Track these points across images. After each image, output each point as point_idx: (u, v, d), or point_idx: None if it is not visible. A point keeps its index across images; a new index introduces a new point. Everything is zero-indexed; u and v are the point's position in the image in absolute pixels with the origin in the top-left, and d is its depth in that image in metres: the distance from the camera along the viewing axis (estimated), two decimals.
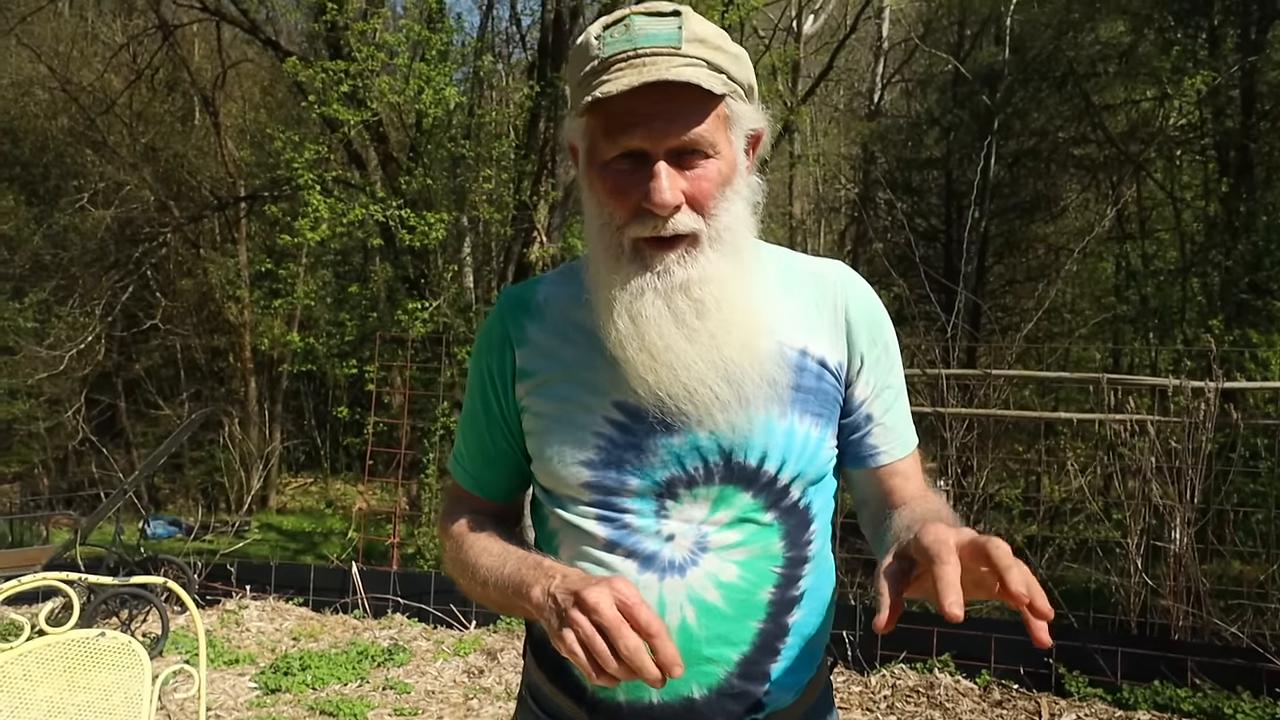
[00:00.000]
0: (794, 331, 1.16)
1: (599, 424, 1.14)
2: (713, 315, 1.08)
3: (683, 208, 1.07)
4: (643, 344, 1.08)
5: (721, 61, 1.07)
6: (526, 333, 1.21)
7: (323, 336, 14.56)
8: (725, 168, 1.08)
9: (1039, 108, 14.27)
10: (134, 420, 18.28)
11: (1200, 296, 11.27)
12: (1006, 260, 16.11)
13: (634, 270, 1.09)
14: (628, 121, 1.05)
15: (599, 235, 1.11)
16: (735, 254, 1.10)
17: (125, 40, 15.88)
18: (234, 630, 5.53)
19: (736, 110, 1.10)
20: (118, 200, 16.33)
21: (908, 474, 1.23)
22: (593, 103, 1.04)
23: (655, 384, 1.08)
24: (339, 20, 10.10)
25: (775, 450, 1.13)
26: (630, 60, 1.04)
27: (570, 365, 1.17)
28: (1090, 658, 4.53)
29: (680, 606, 1.12)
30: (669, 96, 1.03)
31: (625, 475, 1.13)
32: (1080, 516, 6.22)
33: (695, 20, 1.07)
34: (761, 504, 1.14)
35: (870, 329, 1.20)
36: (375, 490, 10.61)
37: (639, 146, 1.05)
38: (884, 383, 1.21)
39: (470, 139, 11.35)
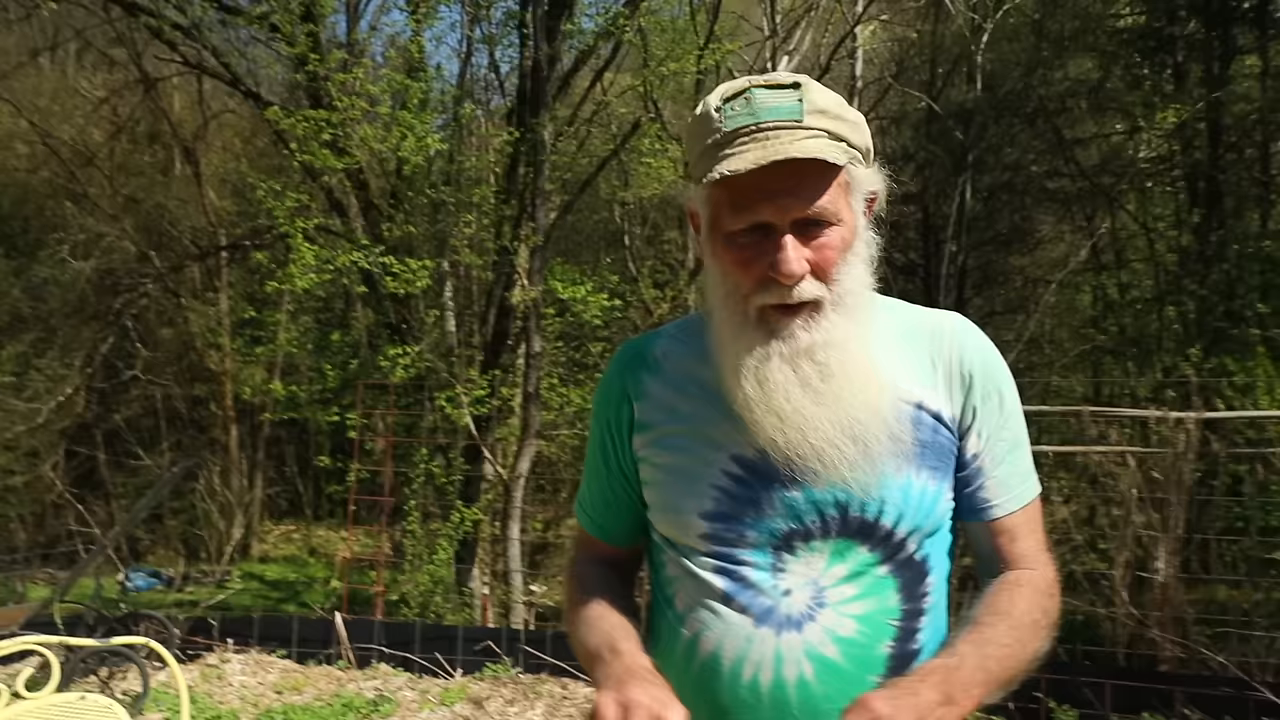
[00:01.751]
0: (909, 385, 1.18)
1: (717, 477, 1.17)
2: (837, 378, 1.11)
3: (807, 276, 1.10)
4: (769, 407, 1.11)
5: (841, 130, 1.11)
6: (644, 386, 1.25)
7: (304, 383, 14.51)
8: (847, 234, 1.13)
9: (1012, 143, 14.49)
10: (114, 471, 18.06)
11: (1177, 325, 11.39)
12: (985, 293, 16.24)
13: (760, 336, 1.12)
14: (754, 197, 1.08)
15: (724, 302, 1.15)
16: (856, 315, 1.14)
17: (106, 94, 15.95)
18: (216, 685, 5.44)
19: (856, 176, 1.14)
20: (98, 251, 16.29)
21: (1017, 532, 1.21)
22: (709, 174, 1.08)
23: (785, 444, 1.12)
24: (320, 71, 10.19)
25: (892, 504, 1.14)
26: (754, 135, 1.07)
27: (689, 419, 1.20)
28: (1079, 691, 4.52)
29: (798, 662, 1.13)
30: (794, 171, 1.06)
31: (743, 528, 1.16)
32: (1065, 547, 6.23)
33: (815, 90, 1.10)
34: (878, 558, 1.15)
35: (984, 381, 1.20)
36: (358, 537, 10.51)
37: (766, 220, 1.09)
38: (997, 435, 1.20)
39: (451, 184, 11.42)
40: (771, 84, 1.10)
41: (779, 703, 1.13)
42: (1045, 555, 1.23)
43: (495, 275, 10.96)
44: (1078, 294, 14.73)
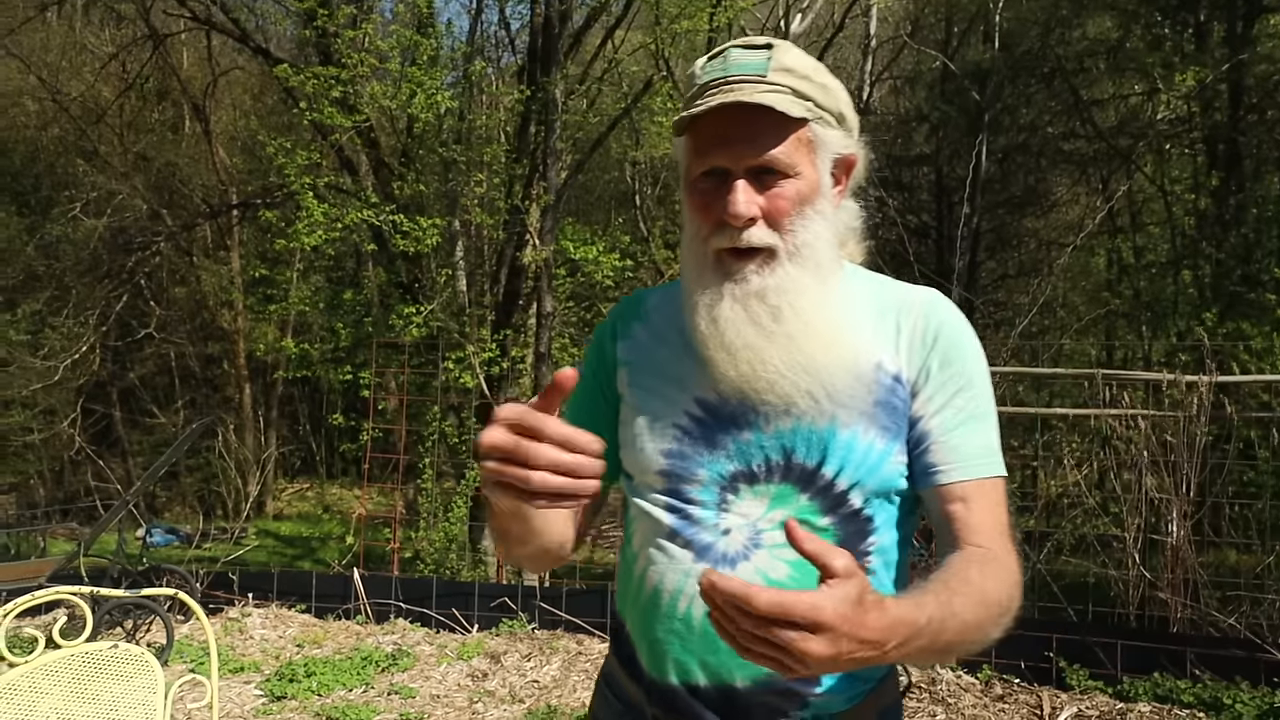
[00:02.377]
0: (873, 342, 1.20)
1: (679, 416, 1.21)
2: (789, 320, 1.14)
3: (759, 222, 1.14)
4: (721, 342, 1.15)
5: (807, 89, 1.14)
6: (632, 330, 1.32)
7: (317, 342, 14.56)
8: (805, 188, 1.15)
9: (1028, 103, 14.33)
10: (129, 429, 18.24)
11: (1192, 289, 11.32)
12: (998, 256, 16.17)
13: (716, 277, 1.17)
14: (712, 142, 1.14)
15: (689, 245, 1.21)
16: (815, 270, 1.16)
17: (115, 50, 15.84)
18: (238, 638, 5.54)
19: (821, 135, 1.16)
20: (110, 209, 16.30)
21: (971, 505, 1.16)
22: (685, 124, 1.15)
23: (737, 378, 1.15)
24: (329, 27, 10.11)
25: (835, 455, 1.16)
26: (721, 86, 1.13)
27: (660, 361, 1.26)
28: (1090, 651, 4.56)
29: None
30: (750, 119, 1.12)
31: (695, 466, 1.20)
32: (1077, 511, 6.26)
33: (786, 53, 1.15)
34: (818, 507, 1.17)
35: (945, 348, 1.20)
36: (372, 494, 10.61)
37: (721, 165, 1.14)
38: (950, 402, 1.19)
39: (461, 143, 11.36)
40: (747, 45, 1.16)
41: (708, 635, 1.16)
42: (1007, 543, 1.16)
43: (506, 235, 10.94)
44: (1093, 257, 14.65)
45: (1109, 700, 4.36)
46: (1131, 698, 4.34)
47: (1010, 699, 4.46)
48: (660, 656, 1.21)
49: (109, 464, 15.27)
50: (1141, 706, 4.25)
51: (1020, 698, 4.46)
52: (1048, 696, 4.43)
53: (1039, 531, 6.25)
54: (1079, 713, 4.26)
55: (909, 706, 4.38)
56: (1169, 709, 4.22)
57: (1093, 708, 4.29)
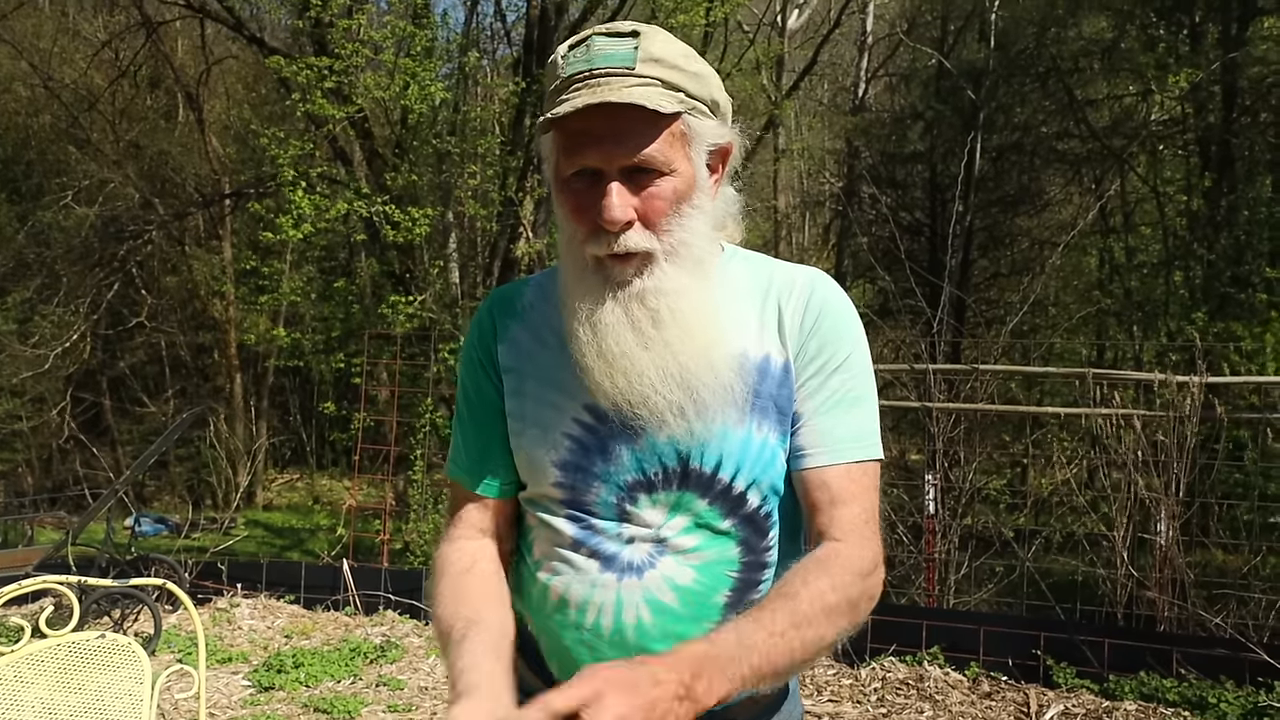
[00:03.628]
0: (759, 336, 1.18)
1: (569, 425, 1.18)
2: (668, 325, 1.11)
3: (635, 225, 1.10)
4: (600, 350, 1.11)
5: (678, 80, 1.09)
6: (510, 330, 1.26)
7: (308, 332, 14.51)
8: (681, 185, 1.11)
9: (1022, 102, 14.34)
10: (119, 418, 18.16)
11: (1183, 290, 11.37)
12: (991, 254, 16.19)
13: (596, 281, 1.13)
14: (582, 141, 1.08)
15: (566, 248, 1.16)
16: (695, 267, 1.13)
17: (108, 37, 15.76)
18: (226, 629, 5.53)
19: (695, 127, 1.12)
20: (101, 197, 16.20)
21: (837, 493, 1.15)
22: (551, 121, 1.08)
23: (612, 390, 1.12)
24: (323, 17, 10.06)
25: (731, 457, 1.14)
26: (586, 81, 1.08)
27: (544, 367, 1.21)
28: (1077, 649, 4.58)
29: (636, 606, 1.16)
30: (620, 117, 1.06)
31: (590, 478, 1.18)
32: (1066, 509, 6.28)
33: (653, 40, 1.09)
34: (718, 511, 1.16)
35: (825, 330, 1.18)
36: (363, 486, 10.60)
37: (593, 165, 1.09)
38: (824, 385, 1.17)
39: (455, 135, 11.33)
40: (611, 32, 1.10)
41: (618, 645, 1.17)
42: (868, 529, 1.15)
43: (500, 227, 10.92)
44: (1085, 257, 14.69)
45: (1095, 698, 4.38)
46: (1117, 696, 4.36)
47: (997, 696, 4.48)
48: (570, 666, 1.20)
49: (98, 453, 15.22)
50: (1127, 705, 4.27)
51: (1007, 695, 4.48)
52: (1035, 694, 4.45)
53: (1028, 529, 6.27)
54: (1065, 710, 4.28)
55: (896, 704, 4.40)
56: (1154, 707, 4.24)
57: (1079, 705, 4.31)
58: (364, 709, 4.35)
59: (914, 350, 6.70)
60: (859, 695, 4.48)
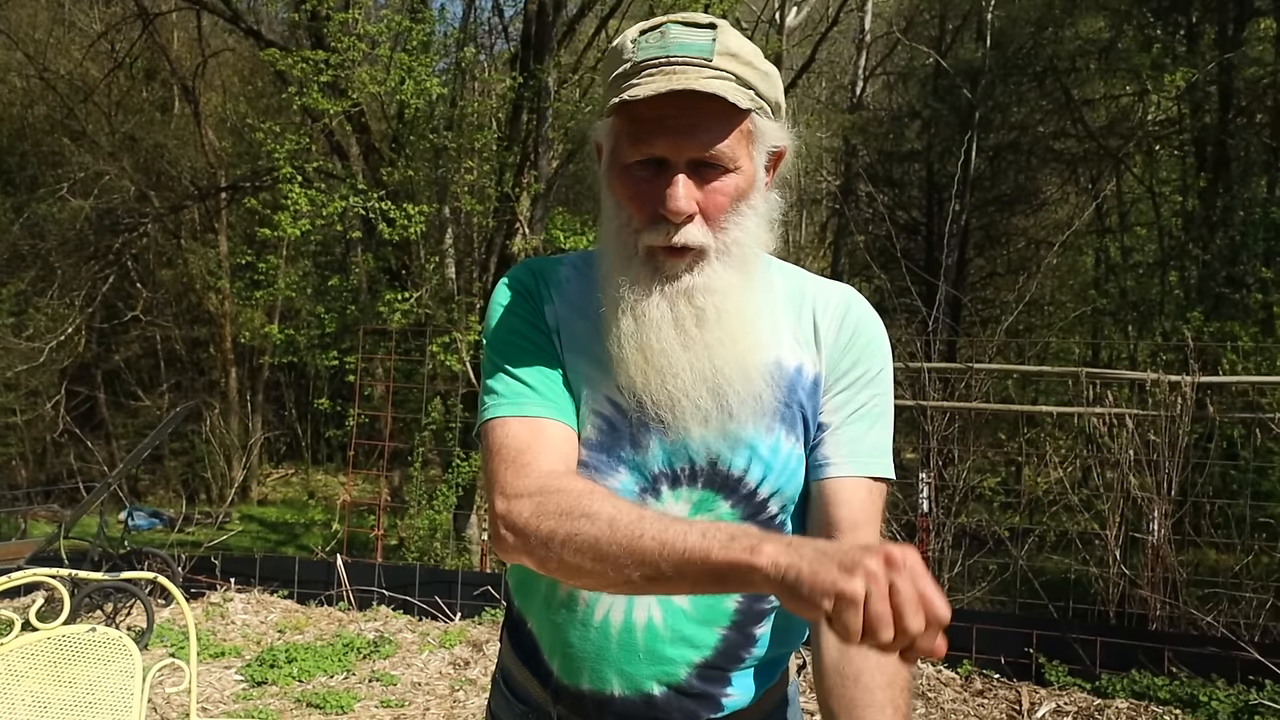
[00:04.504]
0: (793, 346, 1.18)
1: (600, 403, 1.15)
2: (711, 325, 1.10)
3: (695, 219, 1.08)
4: (640, 344, 1.10)
5: (751, 77, 1.08)
6: (551, 294, 1.22)
7: (304, 327, 14.49)
8: (743, 183, 1.10)
9: (1019, 102, 14.36)
10: (114, 411, 18.14)
11: (1178, 290, 11.39)
12: (987, 253, 16.23)
13: (645, 272, 1.11)
14: (653, 128, 1.06)
15: (615, 235, 1.13)
16: (742, 268, 1.12)
17: (104, 28, 15.69)
18: (219, 623, 5.52)
19: (761, 127, 1.11)
20: (97, 190, 16.16)
21: (856, 509, 1.14)
22: (620, 105, 1.05)
23: (643, 386, 1.10)
24: (320, 10, 10.04)
25: (758, 463, 1.14)
26: (661, 67, 1.05)
27: (583, 341, 1.18)
28: (1070, 647, 4.60)
29: (648, 605, 1.15)
30: (695, 107, 1.04)
31: (616, 462, 1.15)
32: (1060, 507, 6.29)
33: (730, 34, 1.08)
34: (739, 514, 1.15)
35: (859, 347, 1.19)
36: (358, 481, 10.60)
37: (661, 154, 1.07)
38: (850, 399, 1.18)
39: (452, 130, 11.31)
40: (688, 22, 1.08)
41: (626, 644, 1.16)
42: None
43: (496, 223, 10.90)
44: (1080, 256, 14.72)
45: (1087, 696, 4.39)
46: (1109, 694, 4.37)
47: (990, 694, 4.48)
48: (575, 664, 1.18)
49: (93, 446, 15.20)
50: (1119, 703, 4.28)
51: (1000, 693, 4.49)
52: (1027, 692, 4.46)
53: (1022, 527, 6.28)
54: (1057, 708, 4.29)
55: None
56: (1146, 705, 4.26)
57: (1071, 704, 4.32)
58: (357, 704, 4.35)
59: (909, 349, 6.70)
60: None
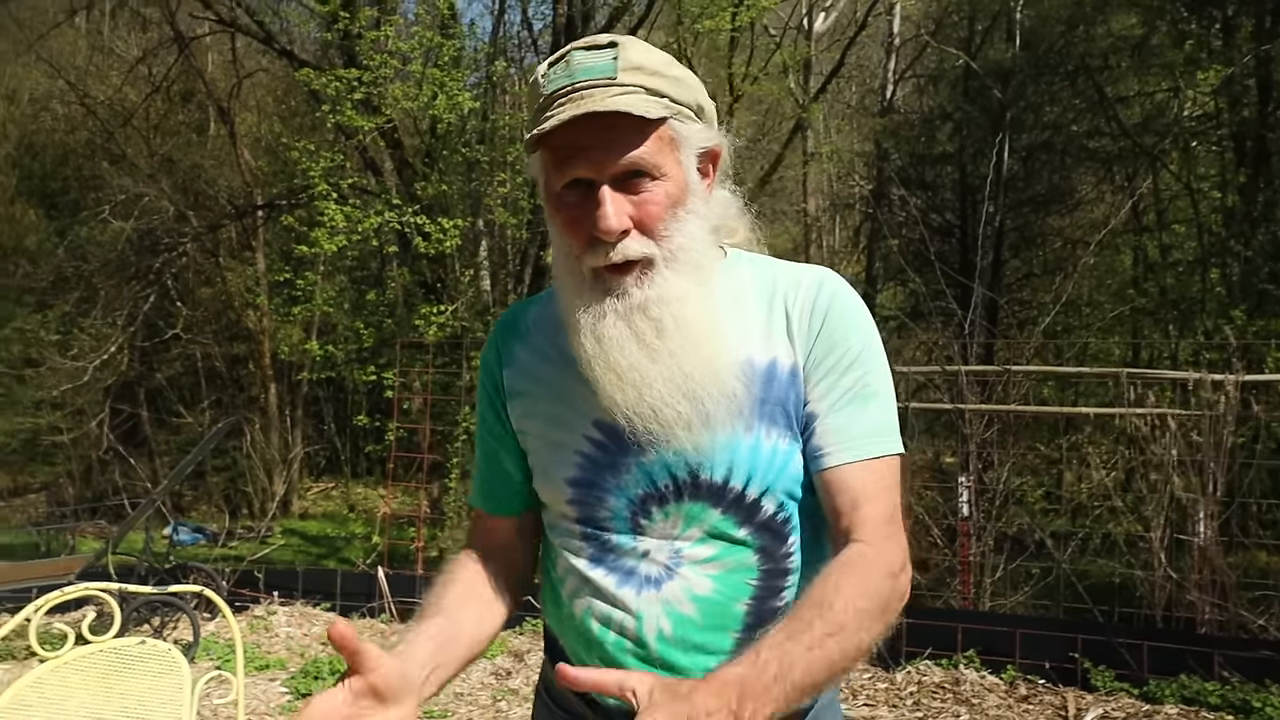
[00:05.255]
0: (765, 341, 1.17)
1: (579, 443, 1.19)
2: (672, 334, 1.11)
3: (631, 233, 1.09)
4: (608, 364, 1.11)
5: (661, 86, 1.10)
6: (515, 353, 1.27)
7: (341, 342, 14.65)
8: (674, 189, 1.11)
9: (1052, 101, 14.21)
10: (156, 429, 18.43)
11: (1220, 287, 11.19)
12: (1022, 254, 16.04)
13: (596, 294, 1.12)
14: (570, 153, 1.08)
15: (563, 263, 1.15)
16: (694, 272, 1.13)
17: (141, 54, 16.02)
18: (263, 636, 5.59)
19: (682, 131, 1.12)
20: (137, 211, 16.48)
21: (858, 492, 1.13)
22: (537, 139, 1.09)
23: (623, 403, 1.11)
24: (352, 29, 10.18)
25: (741, 466, 1.14)
26: (569, 95, 1.08)
27: (552, 385, 1.21)
28: (1116, 652, 4.53)
29: (657, 618, 1.16)
30: (606, 126, 1.06)
31: (603, 493, 1.18)
32: (1103, 510, 6.21)
33: (633, 49, 1.10)
34: (733, 520, 1.15)
35: (832, 328, 1.17)
36: (397, 494, 10.68)
37: (583, 175, 1.09)
38: (837, 384, 1.16)
39: (484, 144, 11.41)
40: (589, 45, 1.11)
41: (642, 659, 1.17)
42: (892, 528, 1.13)
43: (530, 234, 10.98)
44: (1117, 256, 14.51)
45: (1135, 702, 4.32)
46: (1158, 699, 4.30)
47: (1035, 700, 4.43)
48: None
49: (136, 463, 15.45)
50: (1168, 709, 4.22)
51: (1045, 699, 4.43)
52: (1073, 698, 4.40)
53: (1065, 531, 6.20)
54: (1105, 714, 4.23)
55: (932, 708, 4.36)
56: (1197, 711, 4.18)
57: (1118, 709, 4.26)
58: None
59: (946, 352, 6.66)
60: (895, 699, 4.45)
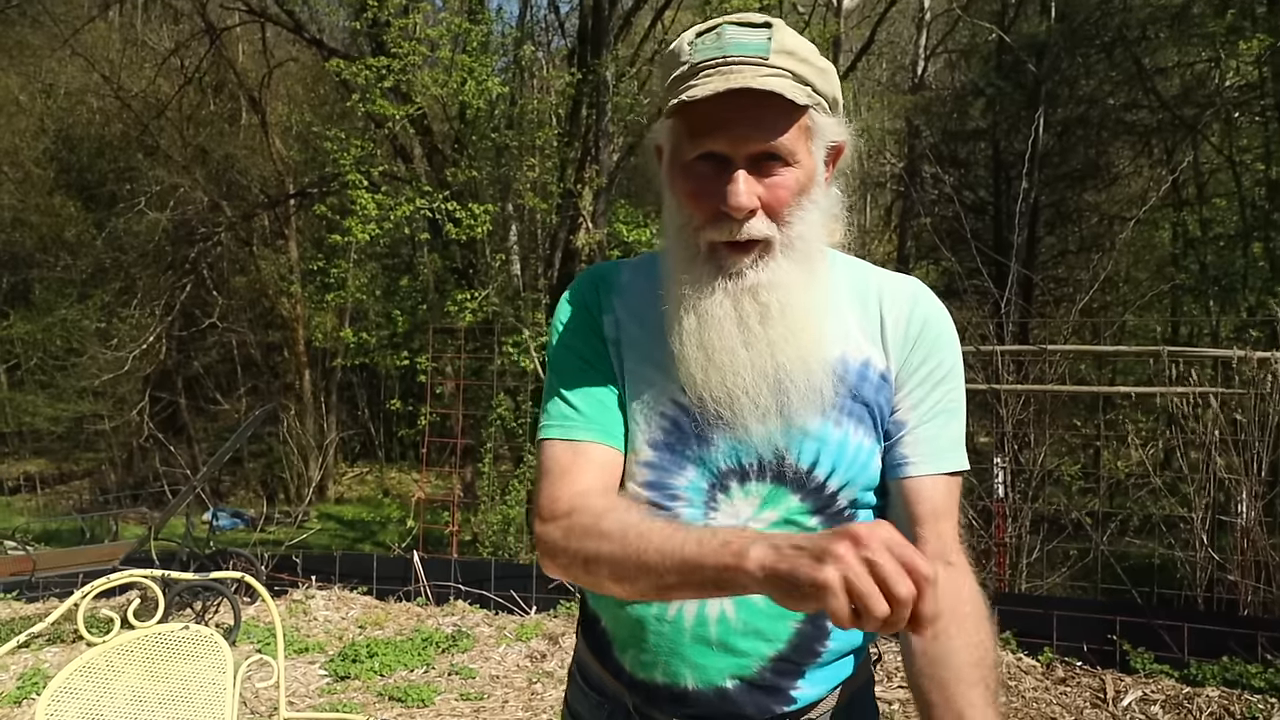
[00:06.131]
0: (859, 341, 1.18)
1: (666, 405, 1.17)
2: (775, 322, 1.11)
3: (758, 213, 1.10)
4: (701, 341, 1.11)
5: (807, 74, 1.09)
6: (612, 304, 1.25)
7: (373, 329, 14.78)
8: (804, 177, 1.11)
9: (1088, 74, 13.96)
10: (194, 416, 18.73)
11: (1263, 261, 10.98)
12: (1058, 231, 15.82)
13: (708, 270, 1.12)
14: (711, 125, 1.07)
15: (677, 235, 1.15)
16: (806, 262, 1.13)
17: (174, 46, 16.18)
18: (302, 619, 5.67)
19: (819, 122, 1.12)
20: (172, 202, 16.70)
21: (937, 504, 1.17)
22: (679, 106, 1.07)
23: (703, 383, 1.12)
24: (380, 16, 10.21)
25: (827, 457, 1.15)
26: (718, 67, 1.07)
27: (643, 345, 1.20)
28: (1156, 634, 4.47)
29: (720, 600, 1.16)
30: (753, 104, 1.06)
31: (684, 460, 1.17)
32: (1143, 490, 6.13)
33: (785, 33, 1.10)
34: (808, 508, 1.16)
35: (929, 342, 1.19)
36: (431, 478, 10.78)
37: (720, 150, 1.08)
38: (927, 396, 1.19)
39: (513, 128, 11.42)
40: (743, 22, 1.11)
41: (699, 638, 1.16)
42: (961, 545, 1.18)
43: (559, 218, 10.99)
44: (1157, 231, 14.26)
45: (1175, 684, 4.27)
46: (1199, 682, 4.25)
47: (1072, 682, 4.39)
48: (649, 658, 1.20)
49: (176, 450, 15.71)
50: (1210, 691, 4.16)
51: (1083, 681, 4.39)
52: (1111, 680, 4.35)
53: (1103, 512, 6.12)
54: (1144, 696, 4.18)
55: None
56: (1239, 694, 4.12)
57: (1158, 691, 4.21)
58: (437, 697, 4.43)
59: (981, 331, 6.58)
60: None
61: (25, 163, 17.77)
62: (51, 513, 15.76)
